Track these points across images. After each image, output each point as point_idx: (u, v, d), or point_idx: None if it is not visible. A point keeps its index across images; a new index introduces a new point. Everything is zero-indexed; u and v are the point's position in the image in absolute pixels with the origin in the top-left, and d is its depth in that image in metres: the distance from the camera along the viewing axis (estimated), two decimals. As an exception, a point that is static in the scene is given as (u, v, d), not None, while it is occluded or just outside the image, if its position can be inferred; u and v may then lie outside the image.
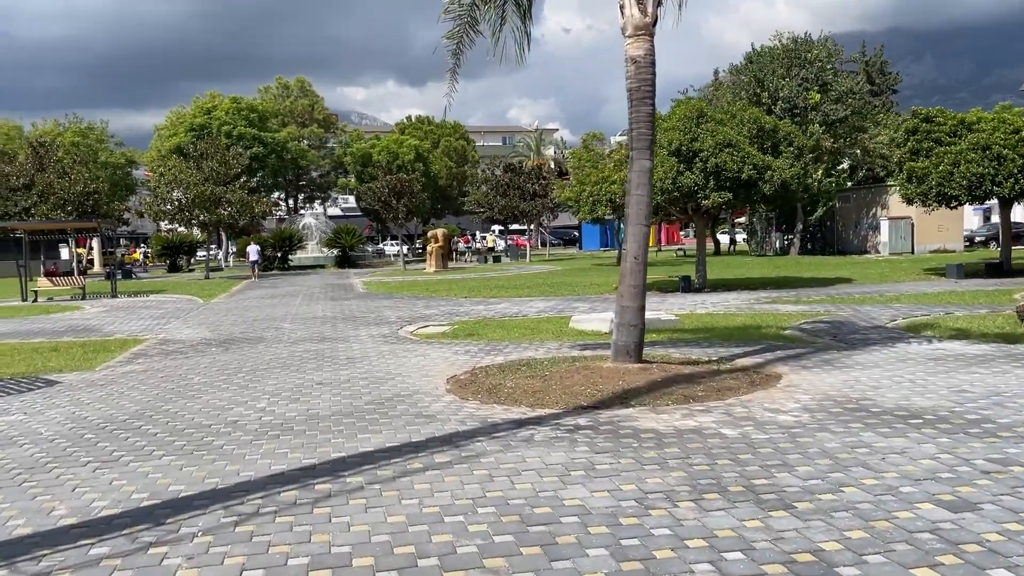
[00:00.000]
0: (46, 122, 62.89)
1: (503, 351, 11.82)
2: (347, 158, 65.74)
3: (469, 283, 27.89)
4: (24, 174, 41.92)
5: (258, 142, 57.85)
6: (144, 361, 12.11)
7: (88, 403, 8.82)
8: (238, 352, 12.74)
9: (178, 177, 36.60)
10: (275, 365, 11.21)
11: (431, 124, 68.98)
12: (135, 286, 32.97)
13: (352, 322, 16.83)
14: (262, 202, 41.17)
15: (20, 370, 11.51)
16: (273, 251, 44.61)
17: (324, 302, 22.26)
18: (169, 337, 15.27)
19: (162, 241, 50.06)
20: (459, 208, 68.79)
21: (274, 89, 68.69)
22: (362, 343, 13.41)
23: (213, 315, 19.58)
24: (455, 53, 11.32)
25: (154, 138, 62.21)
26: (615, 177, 21.42)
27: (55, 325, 18.38)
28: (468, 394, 8.71)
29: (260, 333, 15.34)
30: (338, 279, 34.03)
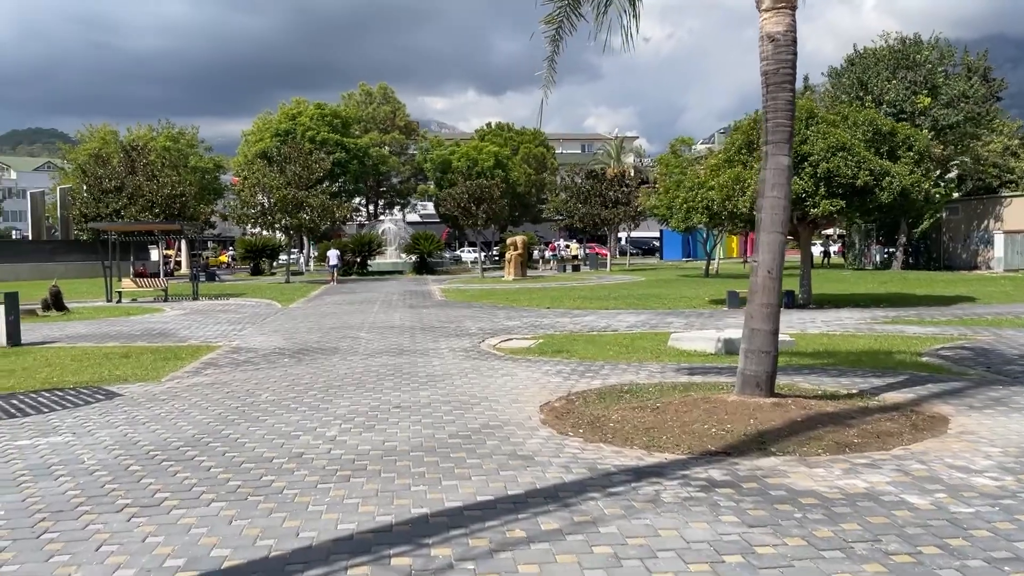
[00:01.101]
0: (140, 127, 64.74)
1: (599, 373, 10.53)
2: (427, 164, 65.50)
3: (550, 293, 26.67)
4: (116, 177, 42.84)
5: (340, 147, 58.07)
6: (212, 372, 11.30)
7: (144, 422, 7.93)
8: (311, 364, 11.82)
9: (262, 181, 36.61)
10: (349, 382, 10.20)
11: (511, 131, 68.22)
12: (217, 289, 32.96)
13: (431, 333, 15.81)
14: (343, 207, 40.94)
15: (85, 379, 10.83)
16: (352, 256, 44.38)
17: (402, 310, 21.38)
18: (242, 345, 14.52)
19: (246, 244, 50.58)
20: (537, 216, 67.78)
21: (357, 96, 69.11)
22: (442, 358, 12.32)
23: (289, 321, 18.88)
24: (554, 40, 10.13)
25: (241, 143, 63.29)
26: (711, 183, 19.85)
27: (132, 328, 17.97)
28: (567, 427, 7.47)
29: (335, 343, 14.44)
30: (416, 286, 33.30)
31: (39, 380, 10.73)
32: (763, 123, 7.83)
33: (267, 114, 63.65)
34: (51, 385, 10.33)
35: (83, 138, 66.68)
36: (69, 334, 16.85)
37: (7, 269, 45.17)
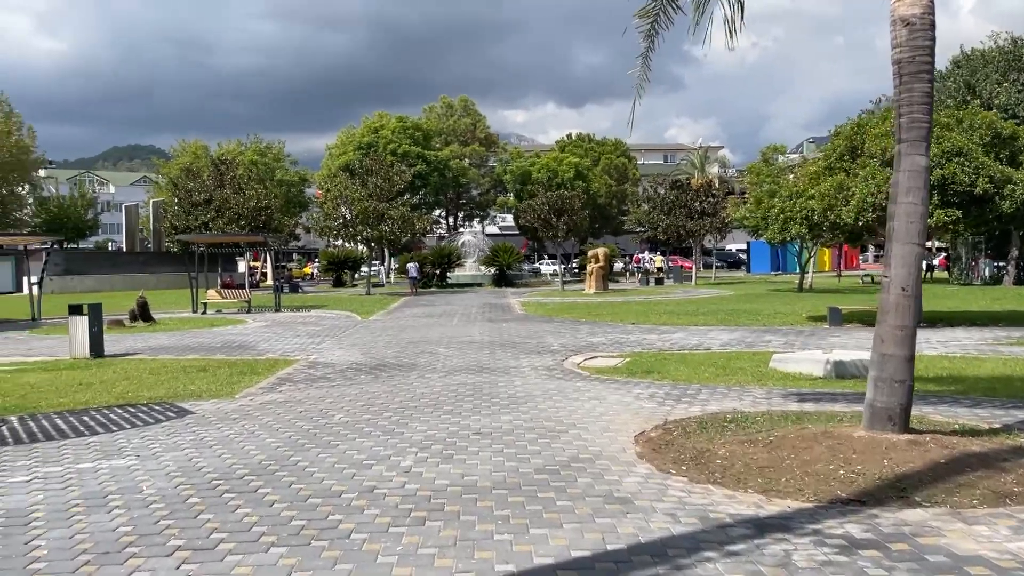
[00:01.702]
0: (229, 142, 66.67)
1: (696, 398, 9.62)
2: (506, 176, 65.25)
3: (634, 307, 25.68)
4: (205, 190, 43.91)
5: (421, 160, 58.34)
6: (287, 389, 10.88)
7: (211, 445, 7.48)
8: (388, 382, 11.28)
9: (344, 194, 36.83)
10: (427, 402, 9.58)
11: (591, 141, 67.41)
12: (299, 300, 33.19)
13: (512, 349, 15.13)
14: (423, 219, 40.87)
15: (159, 394, 10.56)
16: (432, 268, 44.29)
17: (481, 324, 20.80)
18: (319, 359, 14.15)
19: (328, 256, 51.18)
20: (618, 227, 66.63)
21: (438, 108, 69.49)
22: (524, 377, 11.61)
23: (368, 334, 18.53)
24: (648, 35, 9.35)
25: (325, 157, 64.39)
26: (811, 191, 18.58)
27: (213, 340, 17.93)
28: (668, 463, 6.63)
29: (413, 359, 13.92)
30: (495, 298, 32.77)
31: (114, 395, 10.52)
32: (895, 119, 6.85)
33: (350, 128, 64.62)
34: (125, 400, 10.08)
35: (176, 153, 69.18)
36: (152, 346, 16.88)
37: (103, 279, 46.92)
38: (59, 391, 10.87)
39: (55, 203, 67.55)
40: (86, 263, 49.68)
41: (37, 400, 10.13)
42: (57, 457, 7.06)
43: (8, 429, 8.32)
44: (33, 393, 10.73)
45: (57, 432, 8.19)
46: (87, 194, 72.12)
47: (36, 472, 6.53)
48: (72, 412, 9.35)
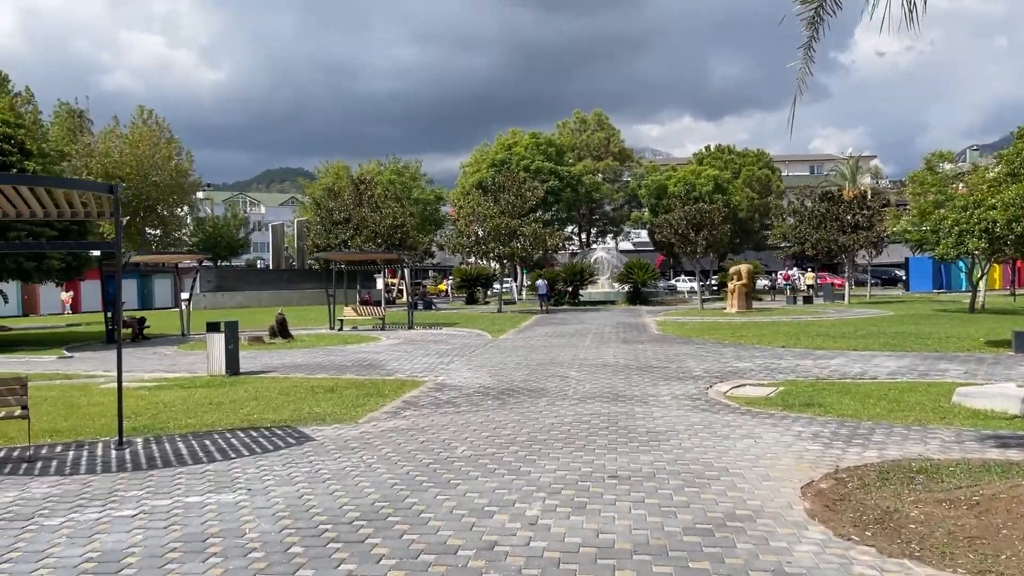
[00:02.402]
0: (369, 162, 68.89)
1: (870, 439, 8.27)
2: (641, 191, 63.74)
3: (782, 328, 23.83)
4: (345, 209, 45.25)
5: (554, 175, 57.91)
6: (411, 414, 10.33)
7: (325, 479, 6.93)
8: (516, 409, 10.53)
9: (476, 211, 36.80)
10: (557, 435, 8.74)
11: (732, 152, 64.81)
12: (432, 318, 33.27)
13: (649, 374, 14.05)
14: (555, 235, 40.29)
15: (284, 416, 10.27)
16: (564, 285, 43.56)
17: (615, 345, 19.77)
18: (447, 381, 13.62)
19: (461, 273, 51.55)
20: (760, 242, 63.56)
21: (571, 123, 69.02)
22: (665, 407, 10.55)
23: (498, 354, 17.93)
24: (812, 22, 8.19)
25: (460, 175, 65.26)
26: (991, 201, 16.45)
27: (345, 358, 17.86)
28: (847, 525, 5.47)
29: (543, 382, 13.12)
30: (629, 317, 31.57)
31: (240, 416, 10.31)
32: None
33: (484, 145, 65.19)
34: (249, 423, 9.83)
35: (320, 174, 72.19)
36: (286, 363, 16.96)
37: (251, 296, 49.24)
38: (189, 411, 10.82)
39: (211, 223, 71.99)
40: (236, 280, 52.38)
41: (166, 421, 10.06)
42: (169, 488, 6.71)
43: (131, 452, 8.15)
44: (164, 412, 10.71)
45: (176, 458, 7.93)
46: (239, 214, 76.47)
47: (144, 505, 6.17)
48: (196, 435, 9.15)
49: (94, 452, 8.21)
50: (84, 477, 7.10)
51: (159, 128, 62.71)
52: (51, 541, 5.29)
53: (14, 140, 22.09)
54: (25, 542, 5.27)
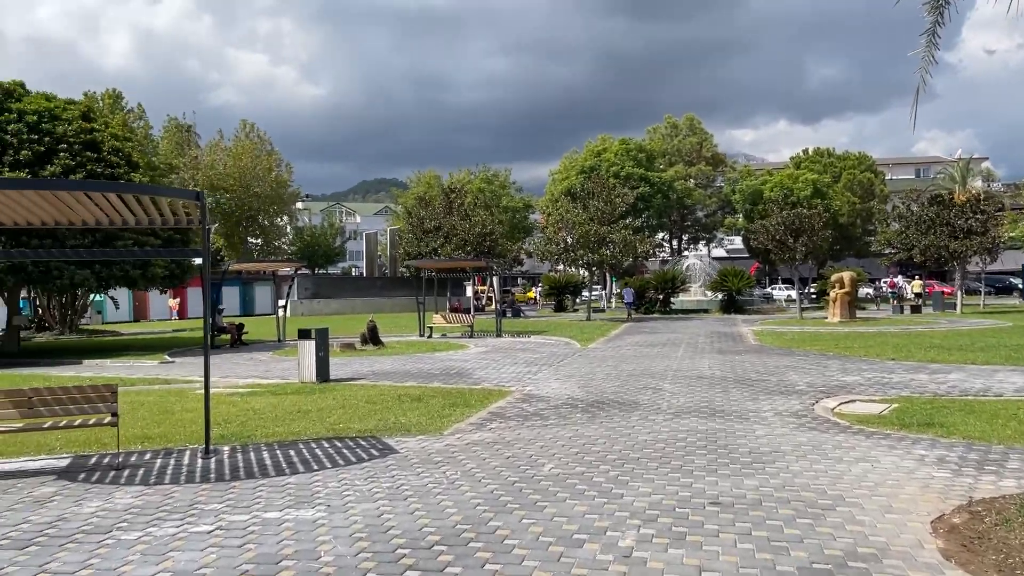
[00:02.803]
0: (460, 172, 69.48)
1: (1004, 465, 7.41)
2: (735, 196, 61.94)
3: (891, 339, 22.42)
4: (435, 218, 45.65)
5: (644, 182, 56.92)
6: (497, 427, 9.97)
7: (407, 496, 6.63)
8: (606, 423, 10.03)
9: (565, 217, 36.37)
10: (651, 453, 8.20)
11: (831, 156, 62.24)
12: (520, 325, 33.01)
13: (748, 387, 13.28)
14: (645, 242, 39.41)
15: (369, 426, 10.08)
16: (655, 293, 42.59)
17: (710, 355, 18.95)
18: (534, 391, 13.23)
19: (550, 281, 51.19)
20: (862, 249, 60.74)
21: (662, 129, 67.81)
22: (767, 425, 9.85)
23: (587, 364, 17.44)
24: (935, 6, 7.45)
25: (549, 182, 65.00)
26: None
27: (433, 366, 17.72)
28: (990, 570, 4.78)
29: (635, 395, 12.56)
30: (724, 326, 30.47)
31: (326, 425, 10.19)
32: None
33: (573, 152, 64.73)
34: (334, 432, 9.68)
35: (412, 184, 73.29)
36: (375, 370, 16.94)
37: (345, 303, 50.23)
38: (277, 418, 10.78)
39: (308, 232, 74.07)
40: (331, 287, 53.56)
41: (254, 428, 10.03)
42: (249, 501, 6.54)
43: (216, 462, 8.08)
44: (253, 420, 10.70)
45: (259, 468, 7.80)
46: (335, 224, 78.43)
47: (222, 520, 6.00)
48: (281, 444, 9.05)
49: (180, 461, 8.19)
50: (167, 487, 7.03)
51: (260, 141, 65.05)
52: (125, 558, 5.15)
53: (122, 153, 23.03)
54: (99, 558, 5.15)
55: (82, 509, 6.31)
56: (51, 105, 21.94)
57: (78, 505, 6.43)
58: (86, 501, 6.55)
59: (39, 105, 21.56)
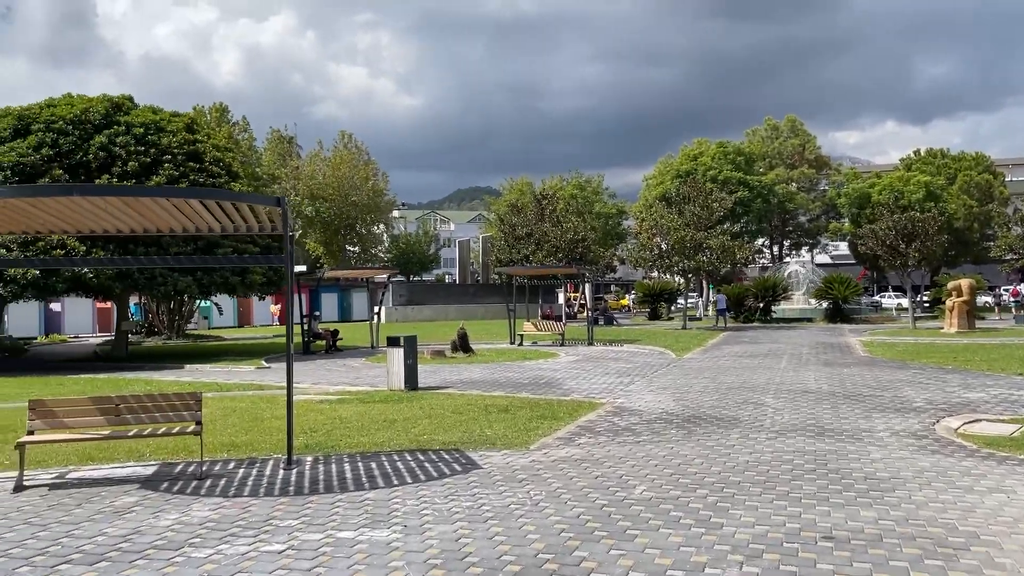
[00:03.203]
0: (552, 178, 69.16)
1: None
2: (841, 200, 59.21)
3: (1017, 352, 20.63)
4: (527, 224, 45.43)
5: (743, 186, 55.15)
6: (586, 442, 9.48)
7: (487, 518, 6.24)
8: (703, 441, 9.38)
9: (659, 223, 35.47)
10: (753, 476, 7.55)
11: (945, 157, 58.74)
12: (612, 334, 32.30)
13: (859, 403, 12.32)
14: (744, 248, 38.02)
15: (454, 438, 9.77)
16: (755, 301, 41.01)
17: (816, 368, 17.86)
18: (626, 404, 12.65)
19: (644, 288, 50.15)
20: (980, 255, 57.01)
21: (762, 131, 65.63)
22: (883, 446, 8.99)
23: (682, 375, 16.70)
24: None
25: (642, 188, 63.88)
26: None
27: (522, 375, 17.35)
28: None
29: (734, 410, 11.82)
30: (829, 336, 28.92)
31: (411, 436, 9.94)
32: None
33: (668, 157, 63.39)
34: (418, 444, 9.41)
35: (505, 191, 73.45)
36: (464, 379, 16.70)
37: (438, 309, 50.61)
38: (363, 428, 10.62)
39: (404, 240, 75.29)
40: (425, 294, 54.13)
41: (339, 438, 9.87)
42: (324, 518, 6.29)
43: (297, 474, 7.91)
44: (339, 429, 10.57)
45: (339, 482, 7.57)
46: (429, 231, 79.41)
47: (295, 539, 5.76)
48: (364, 455, 8.83)
49: (263, 471, 8.06)
50: (246, 500, 6.87)
51: (358, 151, 66.57)
52: (191, 579, 4.95)
53: (223, 163, 23.73)
54: (166, 577, 4.97)
55: (159, 522, 6.20)
56: (157, 118, 22.81)
57: (155, 517, 6.32)
58: (164, 513, 6.44)
59: (146, 118, 22.44)
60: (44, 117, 21.15)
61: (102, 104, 22.22)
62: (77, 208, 7.06)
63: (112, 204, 6.93)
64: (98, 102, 22.34)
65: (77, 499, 6.93)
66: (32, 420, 7.50)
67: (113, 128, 21.61)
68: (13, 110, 21.75)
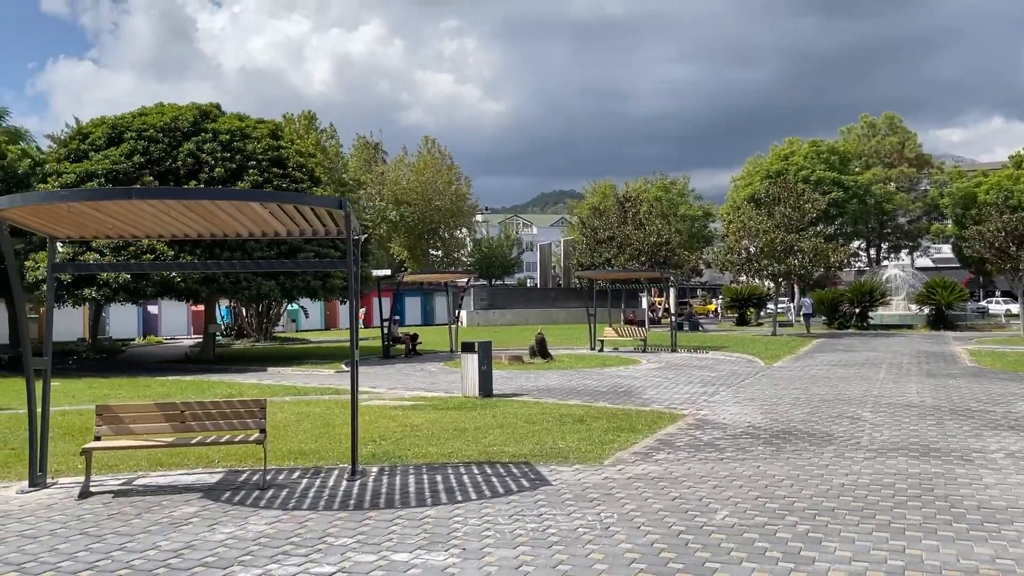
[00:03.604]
0: (636, 180, 68.04)
1: None
2: (944, 200, 56.13)
3: None
4: (609, 227, 44.70)
5: (837, 186, 52.89)
6: (664, 458, 8.90)
7: (552, 543, 5.79)
8: (794, 460, 8.67)
9: (746, 225, 34.22)
10: (849, 503, 6.85)
11: (1061, 153, 54.91)
12: (697, 340, 31.30)
13: (968, 420, 11.29)
14: (839, 251, 36.28)
15: (524, 450, 9.35)
16: (850, 307, 39.12)
17: (918, 379, 16.67)
18: (709, 416, 11.98)
19: (731, 292, 48.67)
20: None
21: (858, 129, 62.87)
22: (997, 469, 8.10)
23: (771, 385, 15.83)
24: None
25: (730, 189, 62.12)
26: None
27: (600, 382, 16.81)
28: None
29: (828, 425, 11.00)
30: (932, 344, 27.20)
31: (480, 447, 9.58)
32: None
33: (758, 157, 61.46)
34: (487, 456, 9.03)
35: (587, 194, 72.73)
36: (540, 386, 16.29)
37: (519, 313, 50.38)
38: (432, 436, 10.33)
39: (486, 244, 75.53)
40: (506, 298, 54.00)
41: (407, 447, 9.60)
42: (381, 537, 5.97)
43: (359, 486, 7.64)
44: (409, 437, 10.31)
45: (401, 496, 7.26)
46: (511, 235, 79.44)
47: (347, 560, 5.44)
48: (430, 467, 8.51)
49: (326, 482, 7.83)
50: (304, 514, 6.62)
51: (441, 155, 67.16)
52: (232, 603, 4.68)
53: (306, 168, 24.05)
54: (207, 600, 4.72)
55: (214, 535, 6.00)
56: (242, 125, 23.28)
57: (211, 530, 6.13)
58: (220, 526, 6.25)
59: (232, 125, 22.93)
60: (136, 125, 21.85)
61: (191, 112, 22.83)
62: (140, 212, 6.99)
63: (175, 208, 6.82)
64: (187, 110, 22.96)
65: (139, 508, 6.83)
66: (99, 426, 7.48)
67: (201, 135, 22.15)
68: (108, 119, 22.57)
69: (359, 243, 8.44)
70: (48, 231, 7.72)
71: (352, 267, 7.75)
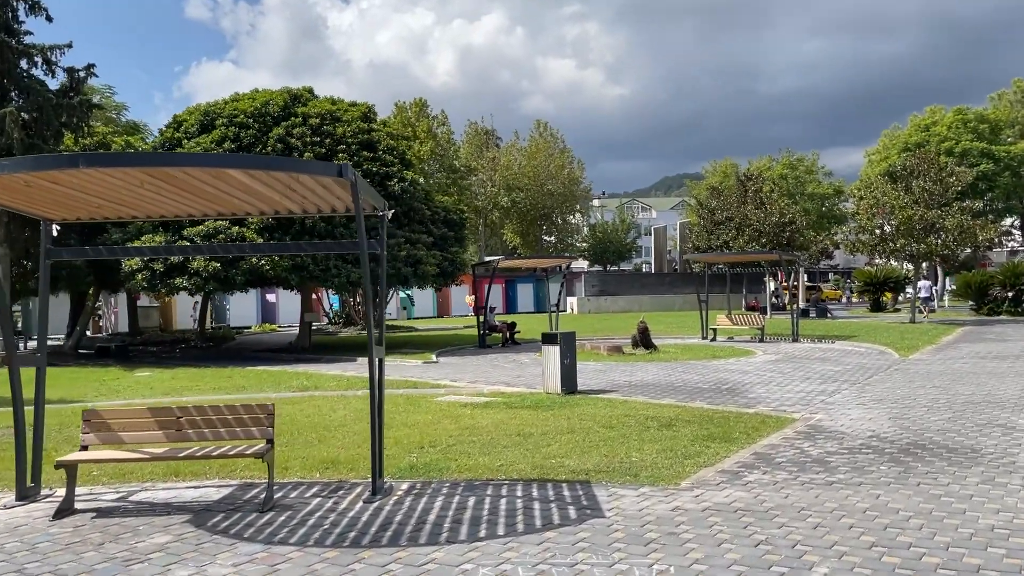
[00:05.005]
0: (760, 159, 64.22)
1: None
2: (1116, 169, 49.70)
3: None
4: (728, 208, 42.02)
5: (986, 158, 47.74)
6: (757, 480, 7.21)
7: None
8: (926, 487, 6.80)
9: (880, 200, 30.93)
10: (1002, 559, 5.01)
11: None
12: (823, 328, 28.54)
13: None
14: (988, 228, 32.31)
15: (589, 464, 7.89)
16: (1001, 291, 34.92)
17: (1091, 377, 13.93)
18: (825, 423, 10.08)
19: (864, 276, 44.79)
20: None
21: (1010, 95, 56.59)
22: None
23: (904, 383, 13.57)
24: None
25: (864, 164, 57.49)
26: None
27: (703, 377, 15.03)
28: None
29: (973, 437, 8.91)
30: (1106, 334, 23.51)
31: (536, 459, 8.19)
32: None
33: (895, 129, 56.50)
34: (541, 472, 7.64)
35: (707, 174, 69.44)
36: (634, 381, 14.71)
37: (632, 300, 48.36)
38: (489, 444, 9.03)
39: (600, 229, 73.57)
40: (618, 284, 52.02)
41: (454, 457, 8.34)
42: (360, 590, 4.70)
43: (375, 509, 6.42)
44: (462, 444, 9.06)
45: (414, 527, 5.97)
46: (627, 220, 77.08)
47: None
48: (469, 485, 7.20)
49: (339, 504, 6.66)
50: (286, 551, 5.45)
51: (553, 139, 65.74)
52: None
53: (396, 151, 23.26)
54: None
55: (165, 578, 4.92)
56: (334, 108, 22.72)
57: (165, 571, 5.05)
58: (179, 567, 5.15)
59: (323, 108, 22.40)
60: (227, 112, 21.65)
61: (281, 97, 22.46)
62: (115, 187, 6.02)
63: (146, 181, 5.79)
64: (278, 95, 22.61)
65: (108, 534, 5.86)
66: (86, 433, 6.60)
67: (291, 120, 21.73)
68: (201, 107, 22.53)
69: (385, 219, 7.20)
70: (36, 212, 6.92)
71: (364, 246, 6.51)
